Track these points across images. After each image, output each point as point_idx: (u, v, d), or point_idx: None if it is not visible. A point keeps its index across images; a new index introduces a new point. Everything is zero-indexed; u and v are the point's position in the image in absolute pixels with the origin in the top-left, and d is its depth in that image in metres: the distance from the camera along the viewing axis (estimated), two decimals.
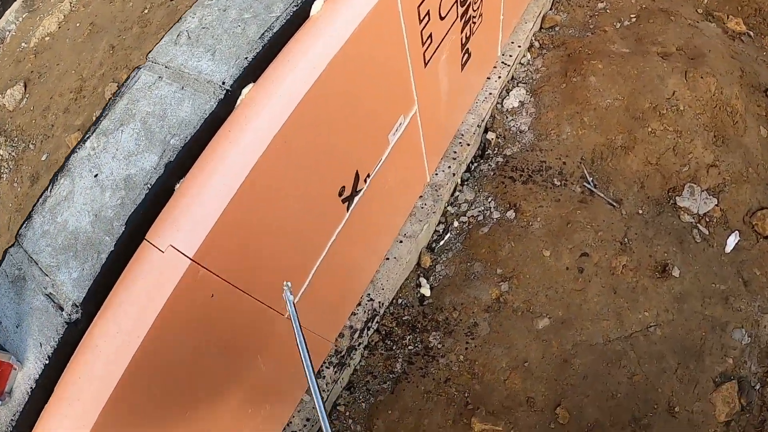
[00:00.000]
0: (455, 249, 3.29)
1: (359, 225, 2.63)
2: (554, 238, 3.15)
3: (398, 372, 3.13)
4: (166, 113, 1.92)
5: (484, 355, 3.01)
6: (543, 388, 2.89)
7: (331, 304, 2.85)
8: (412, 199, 3.24)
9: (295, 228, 2.19)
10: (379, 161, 2.55)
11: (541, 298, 3.04)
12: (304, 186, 2.11)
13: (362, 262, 3.01)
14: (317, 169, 2.14)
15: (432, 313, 3.17)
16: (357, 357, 3.17)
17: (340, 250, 2.55)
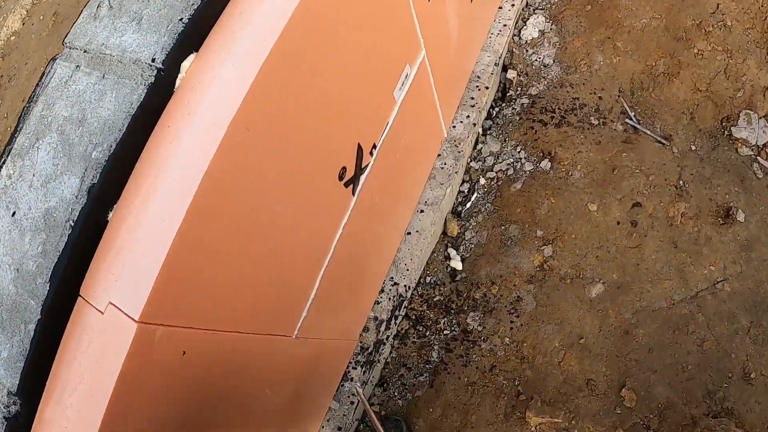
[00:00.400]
0: (485, 211, 2.86)
1: (370, 206, 2.20)
2: (599, 188, 2.73)
3: (435, 362, 2.74)
4: (85, 115, 1.43)
5: (532, 334, 2.64)
6: (604, 367, 2.53)
7: (348, 301, 2.44)
8: (429, 160, 2.79)
9: (285, 235, 1.73)
10: (386, 126, 2.08)
11: (592, 260, 2.65)
12: (288, 180, 1.61)
13: (379, 244, 2.58)
14: (303, 154, 1.65)
15: (467, 289, 2.77)
16: (386, 350, 2.78)
17: (350, 242, 2.12)
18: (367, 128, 1.96)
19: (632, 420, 2.44)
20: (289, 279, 1.85)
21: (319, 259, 1.98)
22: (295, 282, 1.90)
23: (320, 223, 1.91)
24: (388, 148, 2.14)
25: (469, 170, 2.96)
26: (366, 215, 2.18)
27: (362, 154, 1.95)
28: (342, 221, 2.01)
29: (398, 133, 2.18)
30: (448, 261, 2.83)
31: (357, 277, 2.42)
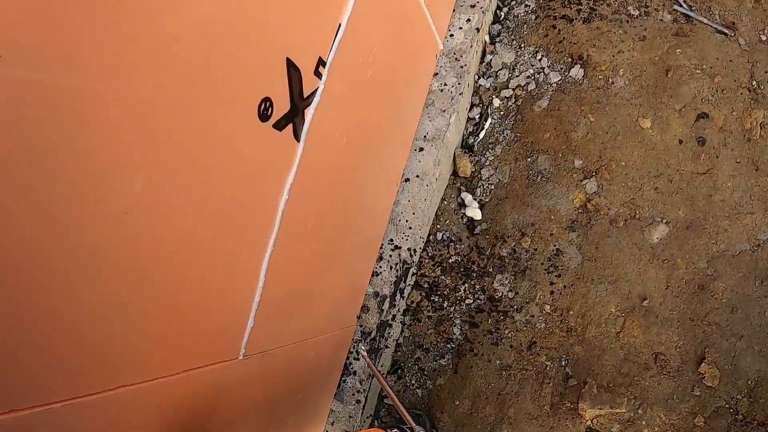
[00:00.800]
0: (504, 140, 2.24)
1: (336, 150, 1.56)
2: (652, 97, 2.10)
3: (458, 339, 2.17)
4: None
5: (579, 298, 2.05)
6: (675, 335, 1.96)
7: (324, 286, 1.79)
8: (422, 82, 2.13)
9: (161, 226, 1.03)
10: (338, 29, 1.39)
11: (650, 194, 2.04)
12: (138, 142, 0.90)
13: (366, 200, 1.93)
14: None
15: (490, 245, 2.17)
16: (395, 331, 2.20)
17: (308, 207, 1.51)
18: (301, 35, 1.26)
19: (715, 403, 1.90)
20: (203, 286, 1.21)
21: (258, 242, 1.36)
22: (219, 286, 1.27)
23: (244, 193, 1.25)
24: (347, 63, 1.46)
25: (478, 90, 2.31)
26: (331, 164, 1.56)
27: (300, 76, 1.28)
28: (285, 182, 1.37)
29: (362, 39, 1.51)
30: (463, 209, 2.22)
31: (334, 250, 1.78)
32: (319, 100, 1.38)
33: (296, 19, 1.21)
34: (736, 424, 1.86)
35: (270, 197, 1.35)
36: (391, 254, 2.11)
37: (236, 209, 1.23)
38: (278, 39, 1.17)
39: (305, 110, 1.34)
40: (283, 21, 1.17)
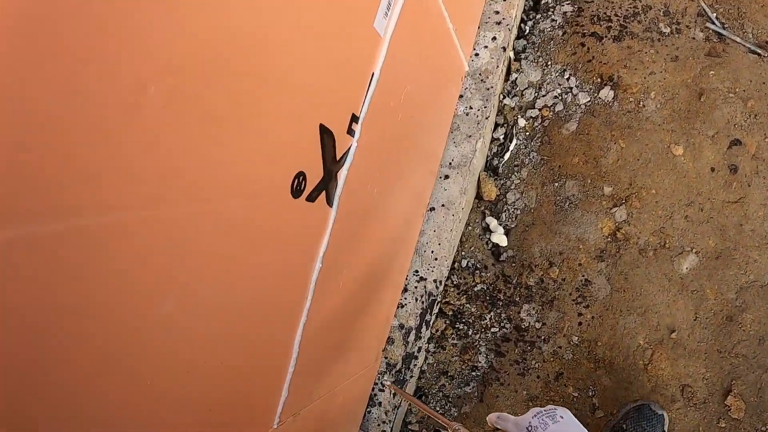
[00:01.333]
0: (531, 163, 2.20)
1: (365, 203, 1.52)
2: (684, 122, 2.06)
3: (483, 368, 2.17)
4: None
5: (608, 330, 2.05)
6: (702, 368, 1.96)
7: (351, 338, 1.77)
8: (448, 107, 2.08)
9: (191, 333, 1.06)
10: (371, 81, 1.33)
11: (680, 223, 2.02)
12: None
13: (391, 238, 1.88)
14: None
15: (517, 273, 2.15)
16: (420, 359, 2.20)
17: (339, 266, 1.47)
18: (335, 95, 1.20)
19: None
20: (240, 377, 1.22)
21: (292, 318, 1.34)
22: (254, 372, 1.27)
23: (277, 277, 1.21)
24: (380, 112, 1.42)
25: (502, 110, 2.27)
26: (363, 217, 1.53)
27: (333, 140, 1.23)
28: (319, 251, 1.34)
29: (393, 85, 1.46)
30: (488, 235, 2.20)
31: (364, 294, 1.77)
32: (352, 160, 1.35)
33: (329, 79, 1.15)
34: None
35: (303, 272, 1.33)
36: (417, 286, 2.10)
37: (269, 296, 1.21)
38: (311, 106, 1.11)
39: (338, 173, 1.31)
40: (316, 85, 1.10)
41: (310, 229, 1.28)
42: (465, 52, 2.09)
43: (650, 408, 1.91)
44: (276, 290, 1.23)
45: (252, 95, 0.89)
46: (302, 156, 1.13)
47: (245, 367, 1.23)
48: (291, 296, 1.31)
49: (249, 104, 0.89)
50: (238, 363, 1.19)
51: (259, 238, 1.09)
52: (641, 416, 1.91)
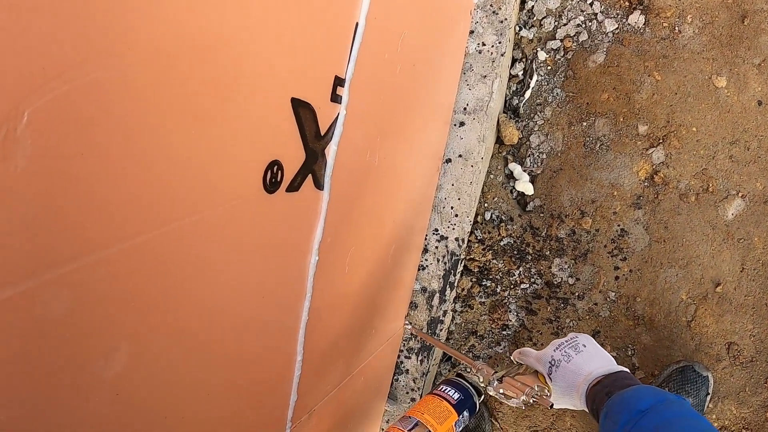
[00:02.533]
0: (555, 100, 2.01)
1: (365, 177, 1.37)
2: (726, 50, 1.84)
3: (514, 326, 2.06)
4: None
5: (647, 284, 1.91)
6: (750, 323, 1.83)
7: (372, 298, 1.66)
8: (457, 47, 1.88)
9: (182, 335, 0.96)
10: (354, 34, 1.12)
11: (724, 163, 1.84)
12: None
13: (406, 202, 1.73)
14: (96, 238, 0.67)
15: (545, 225, 2.00)
16: (447, 320, 2.09)
17: (342, 247, 1.34)
18: (307, 61, 0.99)
19: None
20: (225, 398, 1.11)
21: (291, 321, 1.23)
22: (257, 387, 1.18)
23: (267, 284, 1.08)
24: (371, 68, 1.22)
25: (519, 42, 2.06)
26: (363, 190, 1.38)
27: (313, 112, 1.05)
28: (312, 243, 1.20)
29: (385, 33, 1.26)
30: (512, 183, 2.04)
31: (376, 269, 1.62)
32: (341, 131, 1.18)
33: (298, 41, 0.95)
34: None
35: (297, 270, 1.20)
36: (437, 245, 1.97)
37: (263, 305, 1.09)
38: (275, 79, 0.91)
39: (326, 150, 1.16)
40: (280, 52, 0.90)
41: (299, 221, 1.13)
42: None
43: (694, 369, 1.80)
44: (270, 297, 1.11)
45: (194, 82, 0.73)
46: (273, 142, 0.96)
47: (248, 381, 1.13)
48: (287, 299, 1.19)
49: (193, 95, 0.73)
50: (240, 378, 1.09)
51: (242, 245, 0.95)
52: (685, 378, 1.80)
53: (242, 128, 0.85)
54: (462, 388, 1.61)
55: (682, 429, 0.99)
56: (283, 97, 0.95)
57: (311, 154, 1.08)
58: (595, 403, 1.22)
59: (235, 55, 0.79)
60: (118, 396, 0.77)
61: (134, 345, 0.77)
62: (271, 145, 0.95)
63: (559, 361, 1.36)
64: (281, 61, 0.91)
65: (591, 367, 1.31)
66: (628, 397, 1.11)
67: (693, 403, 1.78)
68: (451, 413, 1.53)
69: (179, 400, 0.92)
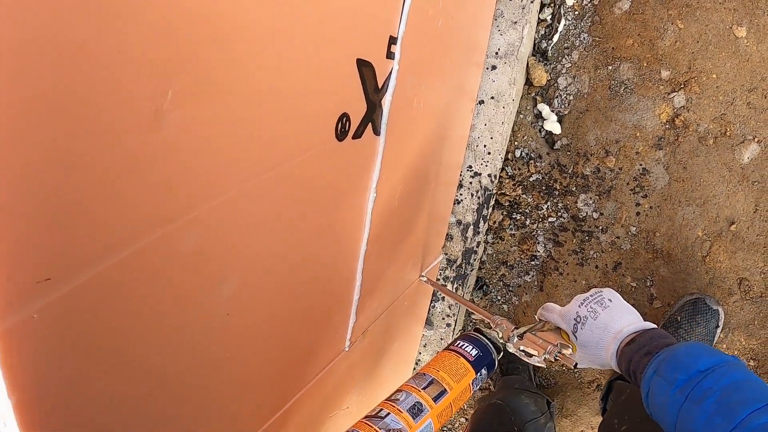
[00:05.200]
0: (582, 45, 2.19)
1: (413, 122, 1.57)
2: (747, 1, 2.02)
3: (542, 257, 2.29)
4: None
5: (666, 220, 2.12)
6: (761, 261, 2.03)
7: (414, 230, 1.88)
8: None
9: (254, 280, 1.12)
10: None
11: (742, 109, 2.02)
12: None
13: (443, 141, 1.93)
14: (226, 181, 0.89)
15: (572, 163, 2.21)
16: (479, 251, 2.32)
17: (391, 184, 1.55)
18: (368, 23, 1.18)
19: None
20: (307, 315, 1.35)
21: (352, 250, 1.47)
22: (323, 305, 1.42)
23: (332, 217, 1.30)
24: (419, 27, 1.42)
25: None
26: (412, 134, 1.59)
27: (373, 70, 1.25)
28: (371, 182, 1.43)
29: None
30: (541, 122, 2.23)
31: (420, 201, 1.85)
32: (395, 83, 1.39)
33: (359, 8, 1.14)
34: None
35: (358, 206, 1.42)
36: (471, 181, 2.18)
37: (330, 240, 1.33)
38: (344, 44, 1.11)
39: (382, 101, 1.37)
40: (346, 19, 1.09)
41: (361, 164, 1.36)
42: None
43: (705, 302, 2.01)
44: (337, 231, 1.34)
45: (280, 54, 0.92)
46: (343, 97, 1.17)
47: (320, 305, 1.37)
48: (350, 232, 1.42)
49: (278, 65, 0.93)
50: (315, 301, 1.34)
51: (314, 189, 1.18)
52: (696, 310, 2.01)
53: (319, 88, 1.06)
54: (480, 344, 1.56)
55: (751, 391, 0.98)
56: (350, 57, 1.16)
57: (371, 105, 1.29)
58: (631, 363, 1.19)
59: (314, 24, 0.99)
60: (229, 316, 1.01)
61: (240, 277, 1.00)
62: (341, 100, 1.16)
63: (585, 318, 1.33)
64: (349, 26, 1.11)
65: (620, 324, 1.27)
66: (682, 355, 1.08)
67: (702, 332, 1.99)
68: (468, 371, 1.48)
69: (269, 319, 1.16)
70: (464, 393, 1.45)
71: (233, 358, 1.06)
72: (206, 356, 0.98)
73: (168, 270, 0.82)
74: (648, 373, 1.11)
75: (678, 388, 1.03)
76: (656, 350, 1.14)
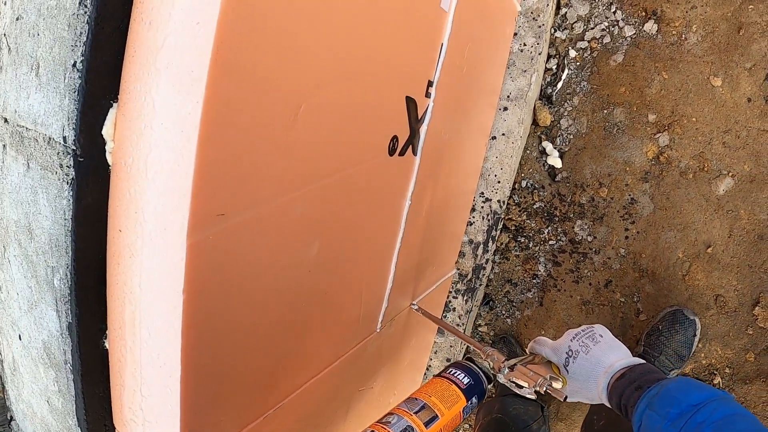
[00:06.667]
0: (581, 91, 2.58)
1: (439, 147, 1.94)
2: (723, 55, 2.40)
3: (543, 276, 2.64)
4: (31, 224, 1.08)
5: (651, 244, 2.48)
6: (734, 280, 2.38)
7: (434, 242, 2.25)
8: (504, 47, 2.44)
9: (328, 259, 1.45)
10: (441, 50, 1.72)
11: (718, 148, 2.40)
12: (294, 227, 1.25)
13: (461, 168, 2.32)
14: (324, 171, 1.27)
15: (570, 193, 2.58)
16: (488, 268, 2.67)
17: (423, 197, 1.93)
18: (414, 71, 1.58)
19: (765, 342, 2.34)
20: (356, 290, 1.69)
21: (390, 246, 1.82)
22: (365, 286, 1.75)
23: (380, 213, 1.68)
24: (449, 72, 1.81)
25: (554, 42, 2.62)
26: (437, 157, 1.95)
27: (416, 105, 1.64)
28: (408, 192, 1.80)
29: (459, 47, 1.84)
30: (544, 157, 2.61)
31: (442, 217, 2.24)
32: (430, 116, 1.76)
33: (411, 59, 1.54)
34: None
35: (397, 210, 1.78)
36: (483, 205, 2.54)
37: (375, 233, 1.68)
38: (399, 84, 1.51)
39: (420, 129, 1.74)
40: (401, 66, 1.49)
41: (402, 175, 1.74)
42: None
43: (683, 313, 2.34)
44: (380, 230, 1.71)
45: (364, 90, 1.32)
46: (395, 123, 1.55)
47: (361, 283, 1.71)
48: (390, 228, 1.78)
49: (362, 99, 1.32)
50: (358, 279, 1.68)
51: (371, 188, 1.55)
52: (675, 320, 2.34)
53: (382, 115, 1.47)
54: (473, 373, 1.60)
55: (744, 425, 1.01)
56: (402, 95, 1.55)
57: (413, 131, 1.67)
58: (622, 397, 1.22)
59: (383, 70, 1.39)
60: (310, 272, 1.35)
61: (320, 244, 1.35)
62: (394, 126, 1.54)
63: (577, 352, 1.37)
64: (404, 72, 1.52)
65: (611, 359, 1.31)
66: (674, 390, 1.12)
67: (681, 339, 2.32)
68: (459, 398, 1.52)
69: (331, 283, 1.50)
70: (455, 420, 1.49)
71: (302, 310, 1.40)
72: (292, 297, 1.32)
73: (284, 226, 1.17)
74: (640, 407, 1.15)
75: (671, 422, 1.06)
76: (647, 385, 1.18)
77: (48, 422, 1.31)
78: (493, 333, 2.74)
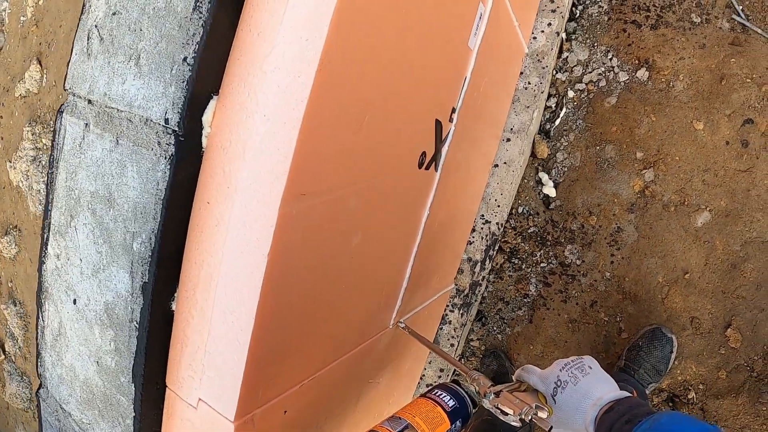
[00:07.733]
0: (577, 128, 2.84)
1: (455, 167, 2.20)
2: (706, 102, 2.68)
3: (533, 295, 2.88)
4: (112, 194, 1.27)
5: (634, 268, 2.72)
6: (709, 304, 2.63)
7: (439, 255, 2.49)
8: (511, 84, 2.72)
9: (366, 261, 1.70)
10: (464, 83, 2.00)
11: (698, 185, 2.66)
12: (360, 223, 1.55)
13: (467, 190, 2.59)
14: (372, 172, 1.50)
15: (563, 220, 2.83)
16: (482, 286, 2.90)
17: (438, 210, 2.17)
18: (443, 97, 1.86)
19: (736, 361, 2.57)
20: (379, 284, 1.92)
21: (407, 252, 2.06)
22: (386, 282, 1.98)
23: (406, 218, 1.93)
24: (468, 102, 2.08)
25: (555, 82, 2.90)
26: (451, 176, 2.20)
27: (441, 127, 1.91)
28: (427, 203, 2.05)
29: (477, 81, 2.11)
30: (540, 187, 2.86)
31: (448, 233, 2.48)
32: (451, 138, 2.01)
33: (442, 89, 1.81)
34: (751, 379, 2.53)
35: (416, 219, 2.02)
36: (483, 227, 2.78)
37: (399, 235, 1.93)
38: (430, 108, 1.77)
39: (442, 148, 1.98)
40: (434, 94, 1.76)
41: (425, 187, 1.99)
42: (525, 36, 2.71)
43: (661, 331, 2.57)
44: (402, 235, 1.95)
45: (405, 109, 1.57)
46: (425, 141, 1.81)
47: (383, 281, 1.94)
48: (410, 237, 2.02)
49: (403, 116, 1.58)
50: (382, 276, 1.91)
51: (400, 194, 1.79)
52: (654, 337, 2.57)
53: (417, 132, 1.72)
54: (458, 396, 1.59)
55: None
56: (432, 118, 1.81)
57: (437, 149, 1.92)
58: (612, 430, 1.22)
59: (420, 100, 1.66)
60: (352, 258, 1.58)
61: (361, 236, 1.58)
62: (424, 143, 1.80)
63: (566, 383, 1.35)
64: (434, 99, 1.78)
65: (600, 392, 1.30)
66: (668, 424, 1.13)
67: (659, 355, 2.53)
68: (443, 420, 1.51)
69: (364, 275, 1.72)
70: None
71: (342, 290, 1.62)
72: (336, 277, 1.55)
73: (340, 213, 1.40)
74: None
75: None
76: (637, 419, 1.18)
77: (92, 383, 1.47)
78: (485, 347, 2.96)
